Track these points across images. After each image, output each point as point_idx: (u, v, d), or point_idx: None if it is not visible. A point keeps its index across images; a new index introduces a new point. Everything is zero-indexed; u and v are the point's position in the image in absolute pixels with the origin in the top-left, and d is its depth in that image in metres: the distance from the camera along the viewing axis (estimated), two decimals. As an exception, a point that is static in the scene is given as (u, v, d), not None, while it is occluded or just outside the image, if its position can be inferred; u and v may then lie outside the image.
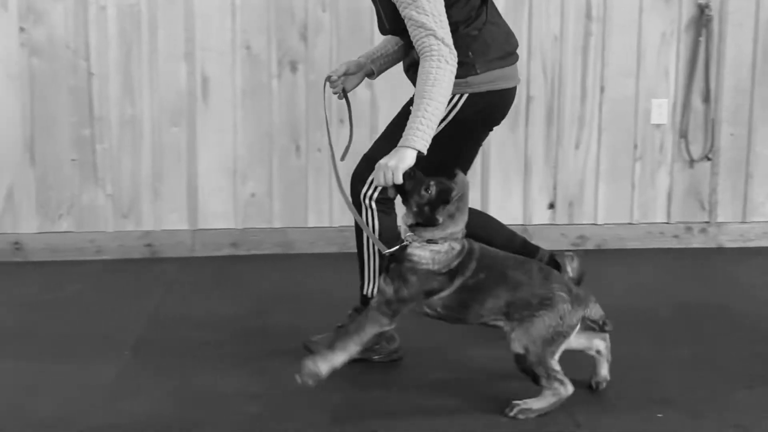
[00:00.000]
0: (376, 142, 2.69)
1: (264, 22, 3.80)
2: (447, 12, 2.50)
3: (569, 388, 2.33)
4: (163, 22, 3.75)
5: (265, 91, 3.82)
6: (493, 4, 2.69)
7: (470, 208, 2.44)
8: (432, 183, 2.32)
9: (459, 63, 2.48)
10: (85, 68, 3.71)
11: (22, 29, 3.67)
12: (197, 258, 3.81)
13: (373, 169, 2.46)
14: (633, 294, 3.35)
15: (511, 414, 2.31)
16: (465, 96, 2.55)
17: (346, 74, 2.76)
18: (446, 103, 2.42)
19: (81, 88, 3.72)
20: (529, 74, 3.91)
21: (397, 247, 2.33)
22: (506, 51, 2.63)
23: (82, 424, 2.26)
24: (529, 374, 2.31)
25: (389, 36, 2.75)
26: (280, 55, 3.82)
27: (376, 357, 2.65)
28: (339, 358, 2.26)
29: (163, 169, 3.81)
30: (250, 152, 3.84)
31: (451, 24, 2.49)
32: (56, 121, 3.73)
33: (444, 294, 2.31)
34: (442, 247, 2.31)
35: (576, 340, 2.40)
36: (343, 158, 2.67)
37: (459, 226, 2.34)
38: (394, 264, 2.33)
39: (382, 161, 2.37)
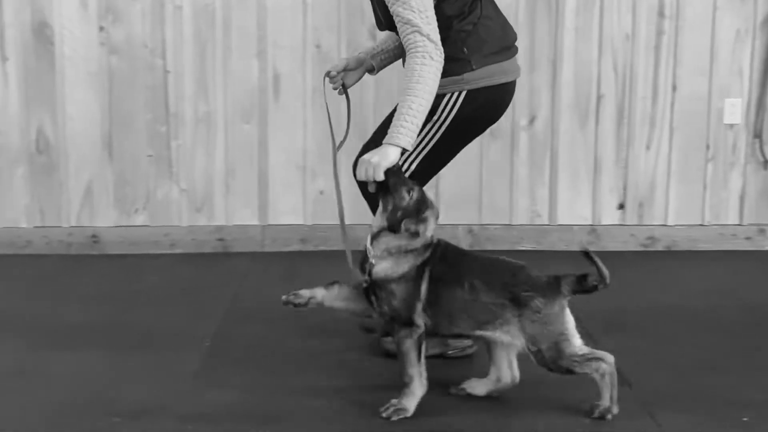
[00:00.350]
0: (375, 131, 2.68)
1: (334, 21, 3.85)
2: (439, 6, 2.48)
3: (608, 358, 2.26)
4: (237, 21, 3.83)
5: (335, 89, 3.87)
6: None
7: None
8: (415, 188, 2.33)
9: (454, 59, 2.47)
10: (161, 66, 3.81)
11: (101, 28, 3.78)
12: (267, 253, 3.88)
13: None
14: (704, 296, 3.30)
15: (595, 415, 2.27)
16: (463, 93, 2.52)
17: (345, 70, 2.76)
18: (431, 100, 2.39)
19: (157, 85, 3.82)
20: (600, 72, 3.89)
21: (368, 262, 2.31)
22: (503, 45, 2.59)
23: (169, 413, 2.32)
24: (561, 371, 2.26)
25: (390, 32, 2.73)
26: (349, 52, 3.85)
27: (450, 352, 2.67)
28: (416, 389, 2.27)
29: (235, 165, 3.89)
30: (320, 149, 3.89)
31: (444, 19, 2.48)
32: (133, 118, 3.84)
33: (423, 292, 2.27)
34: (402, 254, 2.29)
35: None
36: (338, 149, 2.65)
37: (420, 241, 2.30)
38: (370, 283, 2.30)
39: (365, 156, 2.38)
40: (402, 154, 2.38)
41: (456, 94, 2.52)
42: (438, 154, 2.60)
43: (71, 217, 3.86)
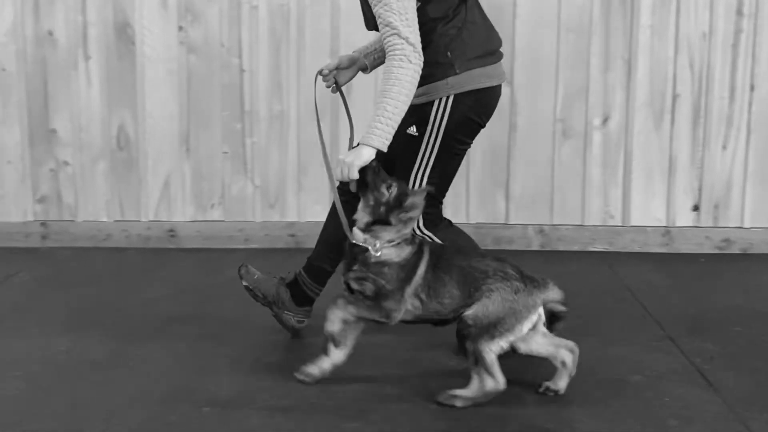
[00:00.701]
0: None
1: (407, 20, 3.87)
2: (424, 8, 2.48)
3: (499, 383, 2.29)
4: (311, 20, 3.88)
5: (407, 87, 3.89)
6: (474, 2, 2.64)
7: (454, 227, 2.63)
8: (394, 183, 2.38)
9: (438, 63, 2.48)
10: (237, 65, 3.89)
11: (180, 28, 3.88)
12: (337, 249, 3.94)
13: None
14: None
15: (440, 399, 2.33)
16: (450, 98, 2.52)
17: (338, 68, 2.77)
18: (408, 102, 2.40)
19: (233, 84, 3.91)
20: (676, 71, 3.82)
21: (364, 240, 2.37)
22: (487, 50, 2.58)
23: (256, 405, 2.36)
24: (465, 350, 2.31)
25: None
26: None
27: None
28: (346, 319, 2.37)
29: (307, 163, 3.95)
30: (391, 147, 3.93)
31: (429, 21, 2.49)
32: (210, 115, 3.93)
33: (415, 281, 2.35)
34: (401, 243, 2.37)
35: (544, 347, 2.36)
36: (349, 142, 2.63)
37: (409, 229, 2.39)
38: (358, 267, 2.37)
39: (341, 157, 2.43)
40: (377, 154, 2.40)
41: (444, 99, 2.52)
42: (444, 162, 2.59)
43: (149, 212, 3.98)
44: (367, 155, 2.39)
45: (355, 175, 2.38)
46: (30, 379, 2.51)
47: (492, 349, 2.28)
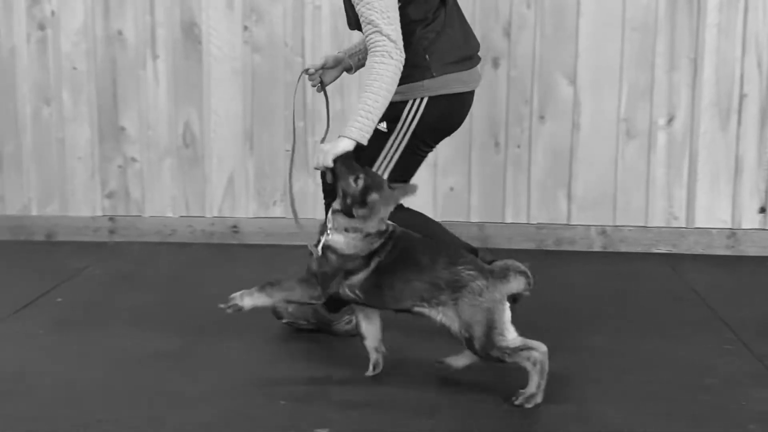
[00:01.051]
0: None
1: (468, 19, 3.84)
2: (404, 10, 2.53)
3: (541, 348, 2.29)
4: (373, 20, 3.91)
5: (468, 87, 3.90)
6: (453, 7, 2.68)
7: (420, 214, 2.66)
8: (362, 176, 2.41)
9: (416, 66, 2.53)
10: (301, 64, 3.94)
11: (245, 28, 3.94)
12: (398, 247, 3.95)
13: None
14: None
15: (517, 402, 2.30)
16: (425, 99, 2.58)
17: (324, 68, 2.80)
18: (389, 97, 2.46)
19: (296, 82, 3.94)
20: (743, 71, 3.76)
21: (320, 227, 2.46)
22: (463, 55, 2.63)
23: (331, 399, 2.39)
24: (492, 360, 2.30)
25: None
26: (482, 51, 3.84)
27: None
28: (262, 300, 2.41)
29: (367, 161, 3.98)
30: (450, 147, 3.92)
31: (408, 24, 2.53)
32: (273, 113, 3.98)
33: (362, 275, 2.37)
34: (358, 235, 2.39)
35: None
36: (323, 140, 2.72)
37: (372, 225, 2.39)
38: (320, 242, 2.44)
39: (320, 145, 2.51)
40: (357, 147, 2.45)
41: (418, 100, 2.58)
42: (407, 160, 2.63)
43: (214, 208, 4.05)
44: (343, 146, 2.45)
45: (329, 163, 2.44)
46: (106, 372, 2.58)
47: (507, 342, 2.28)
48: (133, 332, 2.88)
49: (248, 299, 2.40)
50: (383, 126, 2.58)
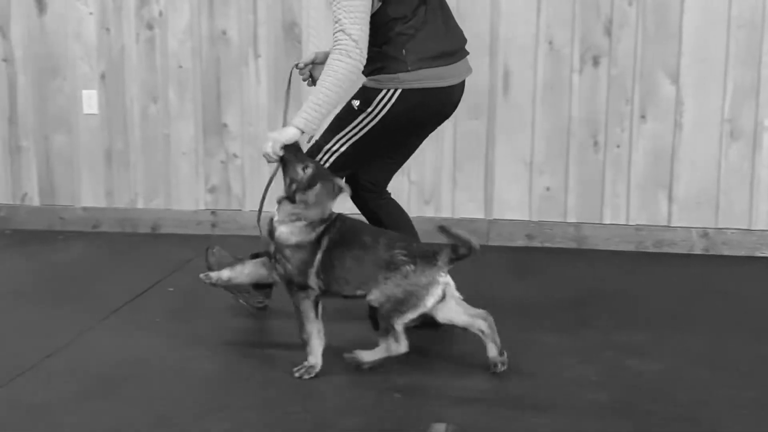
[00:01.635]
0: (323, 131, 2.82)
1: (568, 17, 3.83)
2: (384, 9, 2.64)
3: (402, 347, 2.47)
4: (469, 18, 3.89)
5: (566, 85, 3.85)
6: (437, 4, 2.76)
7: (399, 207, 3.00)
8: (310, 165, 2.55)
9: (394, 59, 2.65)
10: (398, 63, 3.97)
11: (344, 27, 4.00)
12: (492, 247, 3.93)
13: (319, 152, 2.75)
14: None
15: (491, 370, 2.51)
16: (398, 91, 2.67)
17: (313, 63, 2.91)
18: (341, 93, 2.58)
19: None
20: None
21: (269, 219, 2.60)
22: (441, 51, 2.70)
23: (437, 394, 2.42)
24: (386, 327, 2.47)
25: None
26: (582, 49, 3.83)
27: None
28: (235, 274, 2.66)
29: (462, 160, 3.98)
30: (548, 146, 3.90)
31: (389, 21, 2.64)
32: (370, 112, 4.03)
33: (318, 258, 2.52)
34: (302, 223, 2.53)
35: (459, 315, 2.54)
36: (309, 140, 2.79)
37: (314, 214, 2.54)
38: (273, 243, 2.57)
39: (269, 133, 2.67)
40: (315, 139, 2.65)
41: (392, 91, 2.68)
42: (367, 143, 2.74)
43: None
44: (290, 134, 2.58)
45: (278, 151, 2.57)
46: (218, 360, 2.67)
47: (401, 323, 2.47)
48: (245, 322, 2.97)
49: (225, 273, 2.67)
50: (357, 104, 2.73)
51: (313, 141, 2.79)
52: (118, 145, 4.20)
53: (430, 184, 4.03)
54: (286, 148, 2.58)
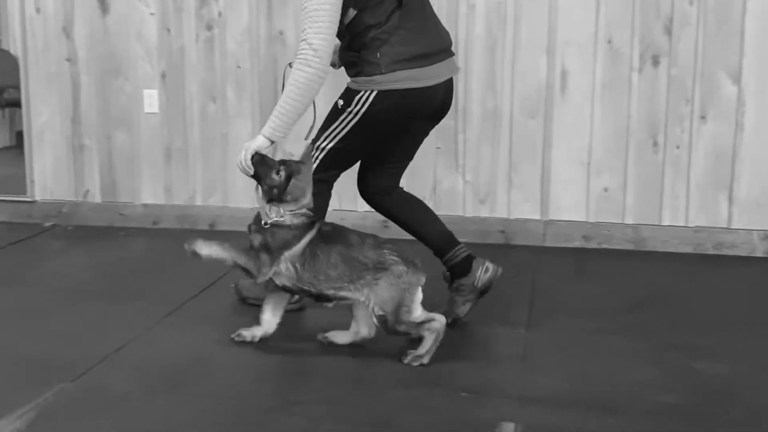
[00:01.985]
0: (317, 130, 2.92)
1: (628, 16, 3.80)
2: (360, 16, 2.74)
3: (441, 319, 2.61)
4: (527, 18, 3.90)
5: (625, 85, 3.83)
6: (416, 7, 2.82)
7: (411, 197, 3.16)
8: (282, 168, 2.66)
9: (369, 62, 2.76)
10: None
11: (401, 27, 4.02)
12: (549, 248, 3.93)
13: (314, 150, 2.86)
14: None
15: (406, 361, 2.59)
16: (374, 93, 2.77)
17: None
18: (303, 101, 2.69)
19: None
20: None
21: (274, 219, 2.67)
22: (416, 54, 2.77)
23: (505, 393, 2.44)
24: (399, 334, 2.60)
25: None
26: (642, 48, 3.79)
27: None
28: (216, 252, 2.70)
29: (518, 160, 3.97)
30: (606, 146, 3.87)
31: (364, 28, 2.75)
32: (426, 111, 4.04)
33: (296, 249, 2.62)
34: (297, 212, 2.67)
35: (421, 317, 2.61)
36: (307, 137, 2.88)
37: (306, 200, 2.69)
38: (259, 228, 2.68)
39: (244, 143, 2.76)
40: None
41: (368, 92, 2.78)
42: (352, 139, 2.84)
43: (365, 203, 4.14)
44: (259, 142, 2.72)
45: (248, 161, 2.69)
46: (280, 354, 2.72)
47: (413, 317, 2.58)
48: (306, 317, 3.02)
49: (206, 249, 2.71)
50: (340, 103, 2.84)
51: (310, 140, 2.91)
52: (177, 144, 4.27)
53: (485, 185, 4.03)
54: (255, 160, 2.69)
